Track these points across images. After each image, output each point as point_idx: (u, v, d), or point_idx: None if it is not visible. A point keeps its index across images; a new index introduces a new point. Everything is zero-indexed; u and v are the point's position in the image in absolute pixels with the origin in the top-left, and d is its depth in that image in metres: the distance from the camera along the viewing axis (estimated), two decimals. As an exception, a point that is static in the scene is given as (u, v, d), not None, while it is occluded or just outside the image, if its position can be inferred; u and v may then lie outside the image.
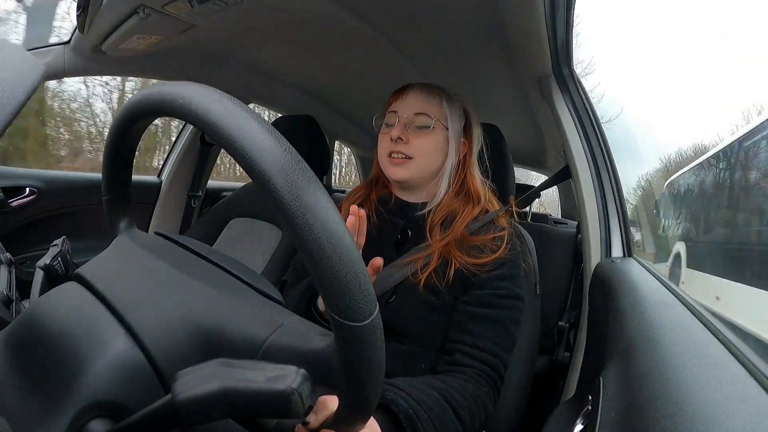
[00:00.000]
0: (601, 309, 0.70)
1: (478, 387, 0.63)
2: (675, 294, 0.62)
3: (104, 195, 0.42)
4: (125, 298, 0.33)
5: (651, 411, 0.31)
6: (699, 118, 2.59)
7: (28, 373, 0.29)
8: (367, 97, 1.56)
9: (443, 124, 0.76)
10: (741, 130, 2.08)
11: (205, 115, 0.27)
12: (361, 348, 0.28)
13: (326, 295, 0.27)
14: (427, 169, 0.76)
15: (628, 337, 0.48)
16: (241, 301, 0.35)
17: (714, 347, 0.40)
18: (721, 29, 2.32)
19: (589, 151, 0.97)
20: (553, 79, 0.99)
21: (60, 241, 0.53)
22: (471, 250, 0.72)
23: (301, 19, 0.99)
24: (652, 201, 3.08)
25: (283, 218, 0.26)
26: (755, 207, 1.93)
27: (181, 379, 0.25)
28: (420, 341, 0.69)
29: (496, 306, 0.68)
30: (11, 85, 0.25)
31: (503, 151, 0.91)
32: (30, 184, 1.30)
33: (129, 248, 0.39)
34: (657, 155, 3.13)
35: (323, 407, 0.42)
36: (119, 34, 0.98)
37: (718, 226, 2.32)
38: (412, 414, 0.52)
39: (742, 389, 0.31)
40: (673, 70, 4.01)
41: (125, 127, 0.36)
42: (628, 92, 4.93)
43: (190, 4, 0.86)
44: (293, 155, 0.27)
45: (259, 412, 0.24)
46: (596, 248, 0.92)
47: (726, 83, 2.82)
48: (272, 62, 1.36)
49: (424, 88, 0.77)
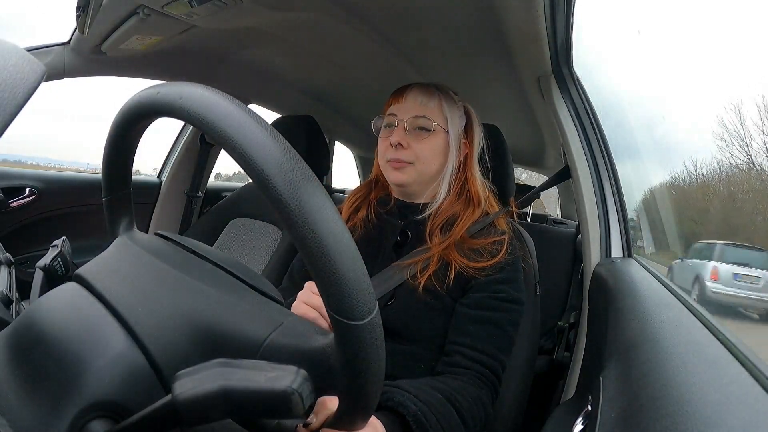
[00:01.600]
0: (600, 309, 0.70)
1: (478, 389, 0.63)
2: (675, 294, 0.62)
3: (104, 196, 0.42)
4: (125, 298, 0.33)
5: (651, 411, 0.31)
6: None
7: (28, 374, 0.29)
8: (367, 97, 1.56)
9: (443, 127, 0.75)
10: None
11: (203, 115, 0.27)
12: (361, 347, 0.27)
13: (325, 293, 0.27)
14: (428, 172, 0.76)
15: (628, 337, 0.48)
16: (241, 300, 0.35)
17: (714, 347, 0.40)
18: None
19: (589, 151, 0.97)
20: (553, 79, 0.99)
21: (60, 241, 0.53)
22: (471, 253, 0.71)
23: (301, 19, 0.99)
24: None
25: (281, 216, 0.26)
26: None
27: (181, 379, 0.25)
28: (419, 343, 0.69)
29: (495, 309, 0.68)
30: (11, 85, 0.25)
31: (503, 151, 0.91)
32: (30, 184, 1.30)
33: (129, 249, 0.39)
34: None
35: (324, 407, 0.42)
36: (119, 34, 0.98)
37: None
38: (421, 416, 0.52)
39: (742, 389, 0.31)
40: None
41: (124, 128, 0.36)
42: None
43: (190, 4, 0.86)
44: (291, 153, 0.27)
45: (259, 413, 0.24)
46: (596, 248, 0.92)
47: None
48: (272, 62, 1.36)
49: (423, 89, 0.76)
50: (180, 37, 1.05)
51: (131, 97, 0.34)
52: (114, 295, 0.33)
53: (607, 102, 1.15)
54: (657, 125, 1.30)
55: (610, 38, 1.29)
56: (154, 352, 0.30)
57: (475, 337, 0.66)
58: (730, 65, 2.58)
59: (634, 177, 1.20)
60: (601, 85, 1.17)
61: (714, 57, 2.18)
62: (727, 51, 2.14)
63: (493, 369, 0.66)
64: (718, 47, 2.11)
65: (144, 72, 1.26)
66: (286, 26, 1.05)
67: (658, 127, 1.30)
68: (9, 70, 0.25)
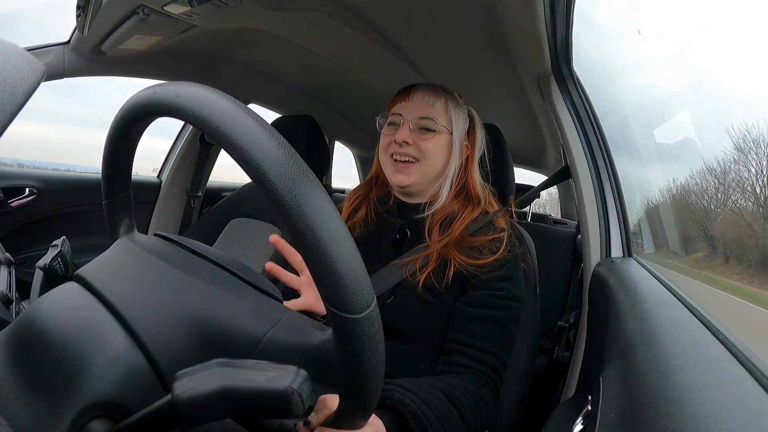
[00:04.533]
0: (600, 309, 0.70)
1: (479, 387, 0.63)
2: (675, 294, 0.62)
3: (104, 199, 0.42)
4: (124, 297, 0.33)
5: (651, 411, 0.31)
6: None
7: (28, 374, 0.29)
8: (367, 97, 1.56)
9: (448, 128, 0.76)
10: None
11: (198, 112, 0.27)
12: (359, 341, 0.27)
13: (322, 286, 0.27)
14: (431, 172, 0.76)
15: (627, 337, 0.48)
16: (240, 297, 0.35)
17: (714, 347, 0.40)
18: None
19: (589, 151, 0.97)
20: (553, 79, 0.99)
21: (60, 241, 0.53)
22: (470, 251, 0.71)
23: (301, 19, 0.99)
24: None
25: (277, 209, 0.26)
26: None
27: (181, 379, 0.25)
28: (419, 341, 0.69)
29: (495, 307, 0.68)
30: (11, 85, 0.25)
31: (503, 152, 0.91)
32: (30, 184, 1.30)
33: (128, 249, 0.39)
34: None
35: (324, 406, 0.42)
36: (119, 34, 0.98)
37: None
38: (420, 414, 0.52)
39: (742, 389, 0.31)
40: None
41: (123, 129, 0.36)
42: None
43: (190, 4, 0.86)
44: (287, 148, 0.27)
45: (259, 412, 0.25)
46: (596, 248, 0.92)
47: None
48: (272, 62, 1.36)
49: (430, 90, 0.77)
50: (180, 37, 1.05)
51: (129, 98, 0.34)
52: (113, 294, 0.33)
53: (607, 102, 1.15)
54: (657, 125, 1.29)
55: (610, 38, 1.28)
56: (154, 351, 0.30)
57: (476, 335, 0.66)
58: (730, 65, 2.57)
59: (634, 177, 1.20)
60: (601, 85, 1.16)
61: (714, 57, 2.19)
62: (728, 51, 2.14)
63: (494, 367, 0.66)
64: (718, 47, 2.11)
65: (144, 72, 1.26)
66: (286, 26, 1.05)
67: (658, 127, 1.29)
68: (9, 70, 0.25)
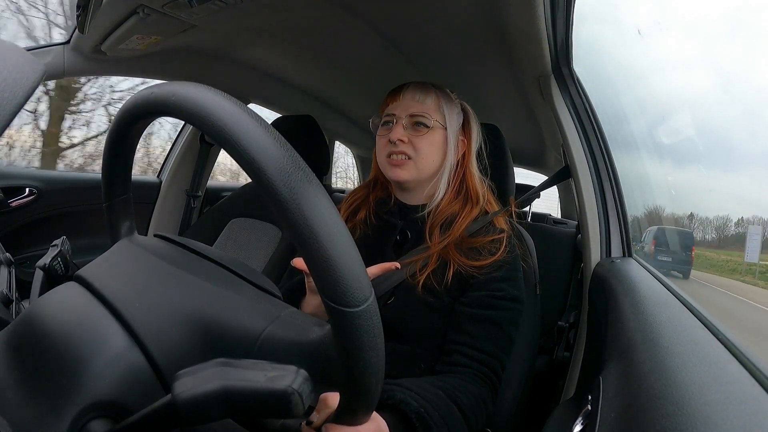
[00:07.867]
0: (600, 309, 0.70)
1: (478, 387, 0.63)
2: (675, 294, 0.62)
3: (104, 201, 0.42)
4: (123, 296, 0.33)
5: (651, 411, 0.31)
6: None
7: (28, 374, 0.29)
8: (367, 97, 1.56)
9: (441, 124, 0.76)
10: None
11: (195, 110, 0.27)
12: (358, 335, 0.27)
13: (319, 280, 0.27)
14: (427, 168, 0.76)
15: (627, 336, 0.48)
16: (238, 294, 0.35)
17: (714, 347, 0.40)
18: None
19: (589, 151, 0.97)
20: (553, 79, 0.99)
21: (60, 241, 0.53)
22: (470, 252, 0.71)
23: (301, 18, 0.99)
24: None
25: (273, 203, 0.26)
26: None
27: (181, 379, 0.25)
28: (419, 342, 0.69)
29: (494, 308, 0.68)
30: (11, 85, 0.25)
31: (503, 151, 0.91)
32: (30, 184, 1.30)
33: (128, 250, 0.40)
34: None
35: (325, 404, 0.42)
36: (119, 34, 0.98)
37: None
38: (424, 413, 0.52)
39: (742, 389, 0.31)
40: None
41: (123, 130, 0.36)
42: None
43: (190, 4, 0.86)
44: (282, 143, 0.27)
45: (260, 413, 0.24)
46: (596, 248, 0.92)
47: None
48: (272, 62, 1.36)
49: (420, 87, 0.77)
50: (180, 36, 1.05)
51: (127, 99, 0.35)
52: (112, 293, 0.33)
53: (607, 102, 1.15)
54: (657, 125, 1.30)
55: (610, 38, 1.29)
56: (154, 350, 0.30)
57: (475, 336, 0.66)
58: (730, 65, 2.55)
59: (634, 176, 1.20)
60: (601, 85, 1.16)
61: (714, 57, 2.15)
62: (727, 51, 2.11)
63: (493, 368, 0.66)
64: (718, 47, 2.08)
65: (144, 72, 1.26)
66: (286, 26, 1.05)
67: (659, 127, 1.30)
68: (9, 69, 0.25)
